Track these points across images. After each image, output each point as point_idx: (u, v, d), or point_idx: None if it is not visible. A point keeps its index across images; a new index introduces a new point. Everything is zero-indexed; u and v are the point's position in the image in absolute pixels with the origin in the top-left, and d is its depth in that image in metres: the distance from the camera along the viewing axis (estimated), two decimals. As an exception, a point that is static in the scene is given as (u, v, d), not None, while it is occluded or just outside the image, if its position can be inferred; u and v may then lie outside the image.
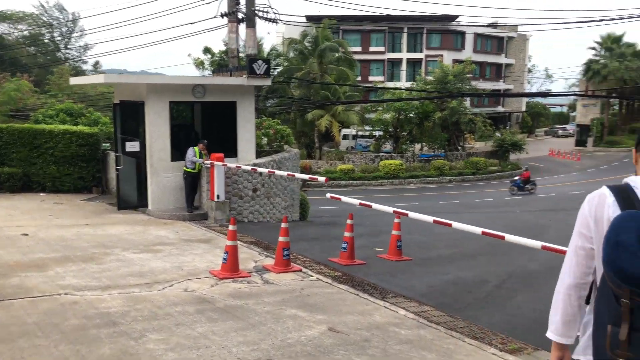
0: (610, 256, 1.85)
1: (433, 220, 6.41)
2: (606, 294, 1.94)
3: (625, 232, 1.82)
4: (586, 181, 33.95)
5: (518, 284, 8.33)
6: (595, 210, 2.05)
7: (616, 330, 1.86)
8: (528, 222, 17.44)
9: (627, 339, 1.84)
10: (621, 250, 1.81)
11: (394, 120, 38.09)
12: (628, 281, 1.80)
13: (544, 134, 68.90)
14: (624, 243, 1.81)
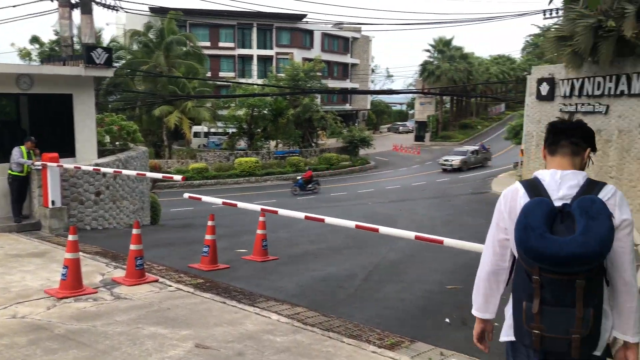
0: (521, 237, 2.04)
1: (305, 217, 6.03)
2: (521, 274, 2.16)
3: (532, 216, 2.03)
4: (426, 173, 36.77)
5: (384, 275, 8.36)
6: (509, 203, 2.26)
7: (529, 305, 2.06)
8: (381, 213, 18.12)
9: (538, 312, 2.03)
10: (529, 231, 2.01)
11: (247, 117, 37.58)
12: (536, 258, 2.00)
13: (387, 131, 73.52)
14: (532, 225, 2.01)
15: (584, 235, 1.94)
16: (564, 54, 18.84)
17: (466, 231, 13.55)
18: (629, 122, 17.66)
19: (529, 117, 23.19)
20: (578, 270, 1.98)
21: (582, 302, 2.00)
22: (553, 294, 2.03)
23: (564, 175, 2.21)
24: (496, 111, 71.12)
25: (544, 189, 2.17)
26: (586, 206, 2.01)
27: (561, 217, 2.06)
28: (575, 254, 1.94)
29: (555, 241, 1.98)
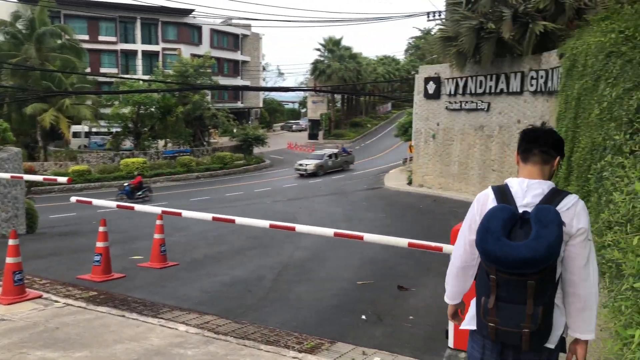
0: (480, 240, 2.21)
1: (212, 218, 5.56)
2: (482, 272, 2.34)
3: (493, 221, 2.21)
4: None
5: (293, 275, 8.10)
6: (481, 207, 2.41)
7: (487, 300, 2.24)
8: (280, 211, 17.86)
9: (494, 307, 2.22)
10: (488, 234, 2.18)
11: (133, 115, 35.45)
12: (492, 260, 2.18)
13: (281, 129, 73.55)
14: (491, 229, 2.18)
15: (534, 241, 2.11)
16: (450, 53, 19.84)
17: (367, 226, 13.71)
18: (508, 118, 19.02)
19: (417, 114, 24.19)
20: (529, 272, 2.15)
21: (532, 300, 2.17)
22: (507, 292, 2.21)
23: (531, 184, 2.35)
24: (384, 110, 73.96)
25: (511, 196, 2.33)
26: (540, 215, 2.18)
27: (520, 223, 2.22)
28: (526, 258, 2.11)
29: (509, 245, 2.15)
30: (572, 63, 13.13)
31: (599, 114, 7.78)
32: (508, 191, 2.35)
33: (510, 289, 2.20)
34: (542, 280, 2.17)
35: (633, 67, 6.92)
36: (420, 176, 24.05)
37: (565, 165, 12.42)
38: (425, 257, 9.50)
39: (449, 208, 17.45)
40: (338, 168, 35.73)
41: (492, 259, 2.18)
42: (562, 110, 13.53)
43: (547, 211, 2.18)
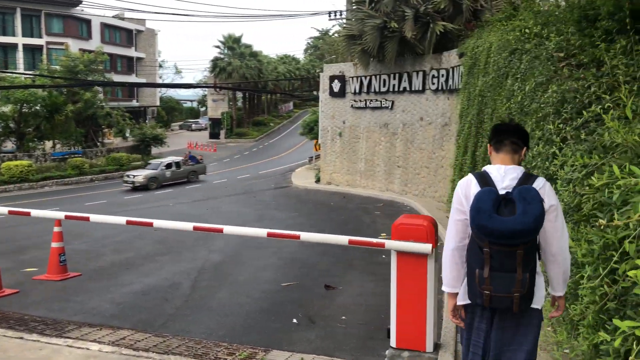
0: (474, 217, 2.56)
1: (127, 222, 4.96)
2: (474, 248, 2.66)
3: (483, 201, 2.56)
4: (225, 170, 36.29)
5: (212, 280, 7.59)
6: (465, 190, 2.78)
7: (481, 271, 2.59)
8: (187, 213, 17.03)
9: (488, 276, 2.57)
10: (481, 213, 2.53)
11: (15, 115, 32.28)
12: (486, 234, 2.52)
13: (179, 128, 70.90)
14: (483, 208, 2.54)
15: (522, 216, 2.48)
16: (355, 52, 20.06)
17: (280, 224, 13.41)
18: (411, 116, 19.60)
19: (323, 112, 24.27)
20: (518, 243, 2.52)
21: (521, 268, 2.54)
22: (499, 262, 2.56)
23: (507, 169, 2.73)
24: (286, 109, 74.01)
25: (491, 180, 2.71)
26: (524, 194, 2.55)
27: (505, 202, 2.59)
28: (516, 230, 2.48)
29: (501, 220, 2.51)
30: (474, 62, 13.73)
31: (511, 107, 8.08)
32: (488, 177, 2.74)
33: (501, 260, 2.56)
34: (527, 250, 2.55)
35: (542, 62, 7.22)
36: (328, 174, 24.16)
37: (470, 160, 12.96)
38: (345, 254, 9.40)
39: (358, 204, 17.62)
40: (181, 179, 29.53)
41: (486, 233, 2.52)
42: (465, 107, 14.11)
43: (529, 190, 2.57)
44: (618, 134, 3.20)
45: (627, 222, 2.57)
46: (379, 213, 15.37)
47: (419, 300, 4.31)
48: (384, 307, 6.18)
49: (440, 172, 17.62)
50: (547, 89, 6.46)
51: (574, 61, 6.51)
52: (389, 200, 18.72)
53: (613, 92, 4.35)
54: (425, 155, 18.76)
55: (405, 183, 19.93)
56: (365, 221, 13.77)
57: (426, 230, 4.22)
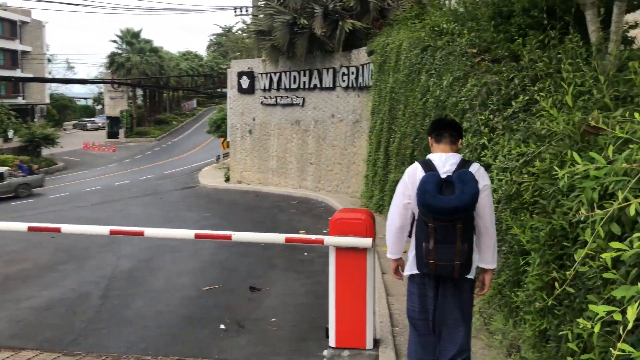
0: (421, 197, 2.92)
1: (28, 228, 4.35)
2: (420, 224, 3.02)
3: (428, 184, 2.93)
4: (127, 171, 34.42)
5: (126, 289, 7.01)
6: (412, 176, 3.11)
7: (427, 244, 2.95)
8: (88, 217, 15.84)
9: (433, 248, 2.93)
10: (427, 193, 2.90)
11: None
12: (431, 211, 2.90)
13: (73, 128, 66.19)
14: (428, 190, 2.90)
15: (461, 194, 2.88)
16: (265, 48, 19.75)
17: (193, 226, 12.83)
18: (322, 113, 19.66)
19: (232, 109, 23.70)
20: (457, 218, 2.90)
21: (460, 239, 2.92)
22: (442, 235, 2.94)
23: (447, 157, 3.12)
24: (189, 107, 71.79)
25: (434, 166, 3.08)
26: (462, 176, 2.95)
27: (446, 184, 2.97)
28: (457, 206, 2.87)
29: (443, 199, 2.90)
30: (384, 59, 13.97)
31: (428, 102, 8.23)
32: (431, 163, 3.10)
33: (444, 233, 2.93)
34: (465, 224, 2.95)
35: (456, 58, 7.41)
36: (238, 172, 23.65)
37: (383, 155, 13.18)
38: (265, 254, 9.14)
39: (272, 202, 17.38)
40: (6, 194, 23.75)
41: (431, 210, 2.91)
42: (377, 103, 14.33)
43: (466, 173, 2.98)
44: (555, 122, 3.25)
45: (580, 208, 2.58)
46: (294, 210, 15.22)
47: (358, 297, 4.18)
48: (313, 306, 6.03)
49: (353, 168, 17.83)
50: (465, 83, 6.61)
51: (489, 56, 6.73)
52: (303, 197, 18.65)
53: (535, 84, 4.49)
54: (337, 151, 18.90)
55: (319, 180, 19.98)
56: (282, 219, 13.57)
57: (365, 224, 4.09)
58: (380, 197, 13.03)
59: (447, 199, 2.87)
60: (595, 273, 2.41)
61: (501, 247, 4.04)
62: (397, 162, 11.75)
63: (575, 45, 4.65)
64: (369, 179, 14.31)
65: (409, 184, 3.10)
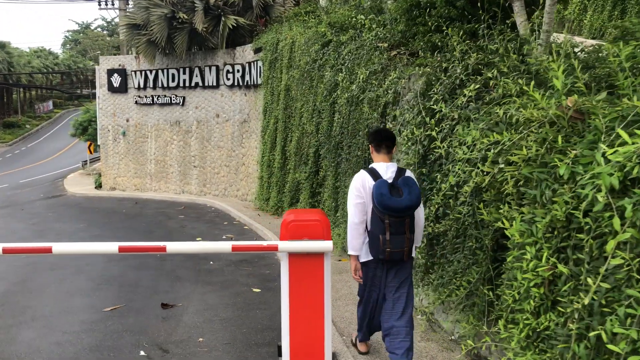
0: (379, 199, 3.61)
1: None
2: (376, 220, 3.73)
3: (382, 188, 3.63)
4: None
5: (6, 317, 5.81)
6: (361, 182, 3.83)
7: (384, 236, 3.67)
8: None
9: (389, 239, 3.66)
10: (383, 196, 3.60)
11: None
12: (387, 209, 3.60)
13: None
14: (383, 193, 3.61)
15: (410, 196, 3.59)
16: (139, 43, 18.30)
17: (72, 238, 11.39)
18: (205, 112, 18.70)
19: (102, 110, 21.73)
20: (407, 214, 3.63)
21: (408, 231, 3.67)
22: (395, 228, 3.64)
23: (388, 166, 3.84)
24: (45, 109, 65.28)
25: (379, 174, 3.78)
26: (407, 181, 3.67)
27: (393, 188, 3.66)
28: (408, 206, 3.58)
29: (396, 200, 3.58)
30: (275, 56, 13.59)
31: (339, 96, 8.00)
32: (376, 172, 3.81)
33: (396, 227, 3.64)
34: (411, 219, 3.68)
35: (368, 52, 7.26)
36: (111, 178, 21.74)
37: (280, 155, 12.78)
38: (165, 266, 8.29)
39: (156, 209, 16.13)
40: None
41: (388, 209, 3.58)
42: (269, 102, 13.91)
43: (410, 179, 3.72)
44: (532, 108, 3.11)
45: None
46: (183, 217, 14.23)
47: (316, 308, 3.75)
48: (241, 320, 5.47)
49: (242, 170, 17.19)
50: (383, 77, 6.46)
51: (404, 49, 6.65)
52: (189, 202, 17.60)
53: (476, 75, 4.40)
54: (224, 153, 18.11)
55: (204, 183, 19.01)
56: (173, 227, 12.56)
57: (322, 226, 3.67)
58: (279, 198, 12.65)
59: (400, 200, 3.58)
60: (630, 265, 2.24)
61: (465, 242, 3.86)
62: (297, 162, 11.44)
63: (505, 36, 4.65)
64: (264, 180, 13.84)
65: (360, 187, 3.80)
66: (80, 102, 72.05)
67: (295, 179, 11.42)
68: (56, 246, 3.52)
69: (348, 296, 6.00)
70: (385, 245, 3.64)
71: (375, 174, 3.78)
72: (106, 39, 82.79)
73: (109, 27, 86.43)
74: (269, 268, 7.89)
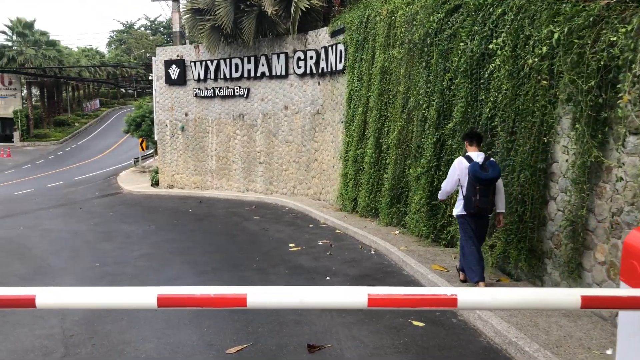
0: (473, 174, 5.56)
1: None
2: (470, 187, 5.65)
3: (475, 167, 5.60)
4: (28, 178, 29.73)
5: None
6: (459, 163, 5.85)
7: (475, 197, 5.62)
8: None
9: (478, 199, 5.60)
10: (476, 172, 5.56)
11: None
12: (478, 181, 5.55)
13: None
14: (476, 169, 5.57)
15: (493, 172, 5.53)
16: (203, 29, 17.01)
17: (145, 240, 10.08)
18: (272, 105, 17.27)
19: (159, 104, 20.62)
20: (491, 184, 5.58)
21: (492, 195, 5.64)
22: (482, 193, 5.58)
23: (478, 154, 5.81)
24: (92, 107, 65.77)
25: (472, 159, 5.73)
26: (491, 163, 5.61)
27: (483, 168, 5.59)
28: (492, 178, 5.52)
29: (484, 174, 5.52)
30: (364, 36, 11.98)
31: (500, 71, 6.28)
32: (470, 157, 5.75)
33: (483, 192, 5.58)
34: (493, 188, 5.64)
35: (547, 7, 5.52)
36: (169, 175, 20.62)
37: (373, 149, 11.15)
38: (277, 283, 6.78)
39: (224, 209, 14.78)
40: None
41: (478, 181, 5.53)
42: (356, 88, 12.30)
43: (493, 162, 5.65)
44: None
45: None
46: (259, 218, 12.79)
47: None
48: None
49: (314, 166, 15.66)
50: (599, 32, 4.72)
51: None
52: (258, 201, 16.19)
53: None
54: (293, 148, 16.63)
55: (270, 181, 17.58)
56: (253, 229, 11.12)
57: None
58: (372, 198, 11.01)
59: (487, 174, 5.53)
60: None
61: None
62: (400, 156, 9.77)
63: None
64: (349, 178, 12.23)
65: (458, 168, 5.84)
66: (125, 100, 72.47)
67: (397, 175, 9.77)
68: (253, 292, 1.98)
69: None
70: (476, 204, 5.60)
71: (469, 159, 5.73)
72: (149, 38, 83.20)
73: (152, 27, 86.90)
74: (404, 286, 6.27)
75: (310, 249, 8.78)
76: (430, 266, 6.88)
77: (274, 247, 9.07)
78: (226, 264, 8.00)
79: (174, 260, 8.41)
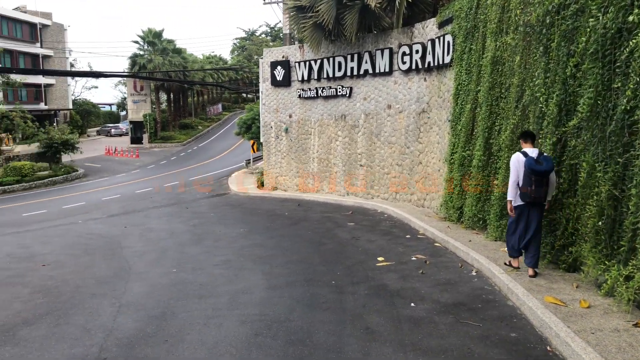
0: (529, 167, 6.36)
1: None
2: (526, 179, 6.44)
3: (531, 160, 6.37)
4: (150, 177, 31.62)
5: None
6: (517, 158, 6.65)
7: (531, 188, 6.39)
8: (98, 233, 12.84)
9: (534, 189, 6.38)
10: (531, 165, 6.34)
11: None
12: (534, 173, 6.32)
13: (97, 134, 64.33)
14: (533, 164, 6.33)
15: (547, 165, 6.29)
16: (305, 27, 16.52)
17: (233, 244, 9.66)
18: (375, 104, 16.32)
19: (265, 105, 20.57)
20: (545, 176, 6.32)
21: (546, 186, 6.38)
22: (537, 184, 6.33)
23: (533, 150, 6.55)
24: (215, 111, 69.36)
25: (528, 154, 6.49)
26: (545, 158, 6.36)
27: (537, 161, 6.32)
28: (545, 170, 6.27)
29: (539, 167, 6.28)
30: (473, 24, 10.60)
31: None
32: (527, 153, 6.48)
33: (538, 182, 6.30)
34: (547, 179, 6.35)
35: None
36: (273, 177, 20.47)
37: (482, 151, 9.79)
38: (347, 303, 5.85)
39: (320, 213, 14.10)
40: None
41: (534, 173, 6.26)
42: (464, 83, 10.94)
43: (547, 156, 6.37)
44: None
45: None
46: (353, 225, 11.90)
47: None
48: None
49: (418, 169, 14.42)
50: None
51: None
52: (356, 206, 15.33)
53: None
54: (396, 150, 15.52)
55: (371, 185, 16.62)
56: (344, 238, 10.25)
57: None
58: (480, 208, 9.62)
59: (541, 167, 6.20)
60: None
61: None
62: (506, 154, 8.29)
63: None
64: (455, 183, 10.89)
65: (517, 162, 6.58)
66: (245, 105, 75.57)
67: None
68: None
69: None
70: (532, 193, 6.36)
71: (525, 154, 6.51)
72: (269, 44, 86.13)
73: (271, 33, 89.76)
74: (508, 323, 5.02)
75: (400, 265, 7.71)
76: (543, 297, 5.52)
77: (360, 261, 8.11)
78: (303, 277, 7.21)
79: (251, 270, 7.80)
